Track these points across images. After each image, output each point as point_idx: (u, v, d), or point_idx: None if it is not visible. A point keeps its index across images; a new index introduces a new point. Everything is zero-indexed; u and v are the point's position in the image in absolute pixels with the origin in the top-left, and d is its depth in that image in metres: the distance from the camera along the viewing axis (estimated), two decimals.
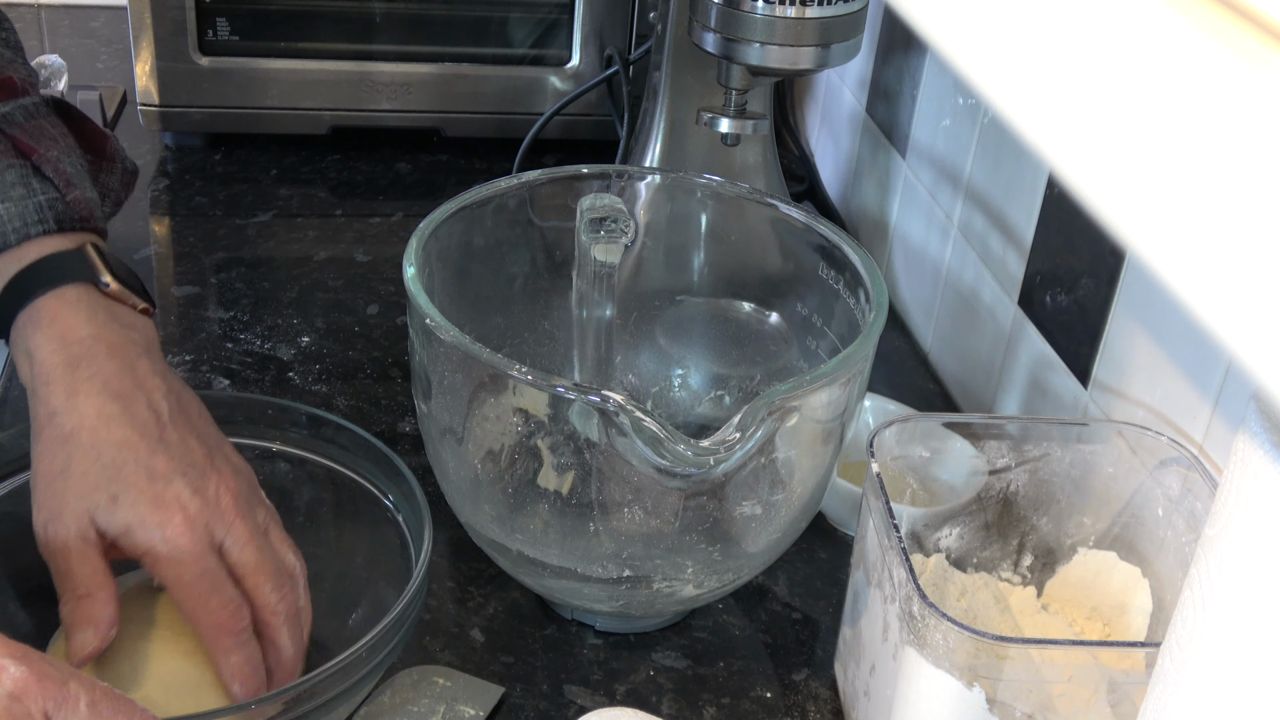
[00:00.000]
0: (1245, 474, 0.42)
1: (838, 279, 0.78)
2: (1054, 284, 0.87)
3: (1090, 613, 0.74)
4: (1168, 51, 0.24)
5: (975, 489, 0.77)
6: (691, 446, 0.62)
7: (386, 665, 0.65)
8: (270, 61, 1.22)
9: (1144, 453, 0.72)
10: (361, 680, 0.63)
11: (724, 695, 0.75)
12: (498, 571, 0.80)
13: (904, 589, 0.61)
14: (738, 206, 0.85)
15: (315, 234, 1.17)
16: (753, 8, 0.90)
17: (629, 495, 0.68)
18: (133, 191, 0.84)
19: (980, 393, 0.98)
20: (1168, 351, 0.74)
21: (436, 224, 0.75)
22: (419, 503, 0.70)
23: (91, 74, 1.40)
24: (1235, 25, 0.24)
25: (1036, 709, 0.61)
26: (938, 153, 1.05)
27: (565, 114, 1.24)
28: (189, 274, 1.10)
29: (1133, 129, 0.25)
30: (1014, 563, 0.77)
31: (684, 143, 1.06)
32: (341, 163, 1.28)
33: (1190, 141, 0.24)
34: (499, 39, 1.25)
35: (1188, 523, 0.69)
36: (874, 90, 1.18)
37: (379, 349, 1.02)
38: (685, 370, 0.90)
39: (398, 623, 0.64)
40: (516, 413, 0.68)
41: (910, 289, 1.11)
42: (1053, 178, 0.87)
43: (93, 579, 0.63)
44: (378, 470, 0.74)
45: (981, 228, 0.97)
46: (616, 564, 0.71)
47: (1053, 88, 0.28)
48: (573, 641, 0.78)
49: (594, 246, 0.80)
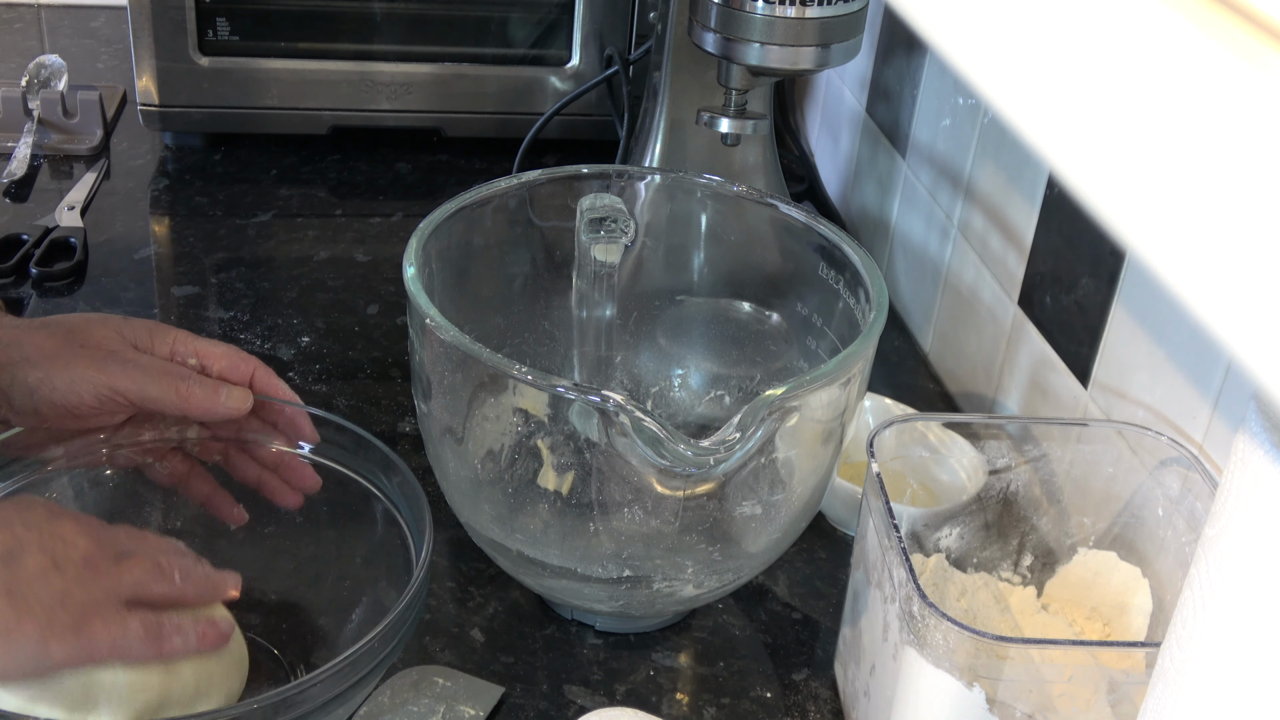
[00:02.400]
0: (1245, 474, 0.42)
1: (838, 279, 0.78)
2: (1054, 284, 0.87)
3: (1090, 613, 0.74)
4: (1168, 51, 0.24)
5: (975, 489, 0.77)
6: (691, 446, 0.62)
7: (386, 666, 0.65)
8: (270, 61, 1.22)
9: (1144, 453, 0.72)
10: (361, 681, 0.63)
11: (724, 695, 0.75)
12: (498, 571, 0.80)
13: (904, 589, 0.61)
14: (738, 206, 0.85)
15: (315, 234, 1.17)
16: (753, 8, 0.90)
17: (629, 495, 0.68)
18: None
19: (980, 393, 0.98)
20: (1168, 351, 0.74)
21: (436, 224, 0.75)
22: (420, 502, 0.70)
23: (91, 74, 1.40)
24: (1235, 25, 0.24)
25: (1036, 709, 0.61)
26: (938, 153, 1.05)
27: (565, 114, 1.24)
28: (189, 274, 1.10)
29: (1133, 129, 0.25)
30: (1014, 563, 0.77)
31: (684, 143, 1.06)
32: (341, 163, 1.28)
33: (1190, 141, 0.24)
34: (499, 39, 1.25)
35: (1188, 523, 0.69)
36: (874, 90, 1.18)
37: (379, 349, 1.02)
38: (685, 370, 0.90)
39: (398, 623, 0.64)
40: (516, 413, 0.68)
41: (910, 289, 1.11)
42: (1053, 178, 0.87)
43: (170, 364, 0.72)
44: (378, 470, 0.74)
45: (981, 228, 0.97)
46: (616, 564, 0.71)
47: (1053, 88, 0.28)
48: (573, 641, 0.78)
49: (594, 246, 0.80)
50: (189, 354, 0.73)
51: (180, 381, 0.71)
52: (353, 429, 0.75)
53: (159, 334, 0.73)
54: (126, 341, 0.72)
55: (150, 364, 0.71)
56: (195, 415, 0.72)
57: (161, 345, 0.73)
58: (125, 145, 1.28)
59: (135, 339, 0.72)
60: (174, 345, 0.73)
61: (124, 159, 1.26)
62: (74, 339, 0.71)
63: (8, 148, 1.22)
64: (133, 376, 0.70)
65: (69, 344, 0.71)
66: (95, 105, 1.26)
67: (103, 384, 0.70)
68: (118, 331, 0.72)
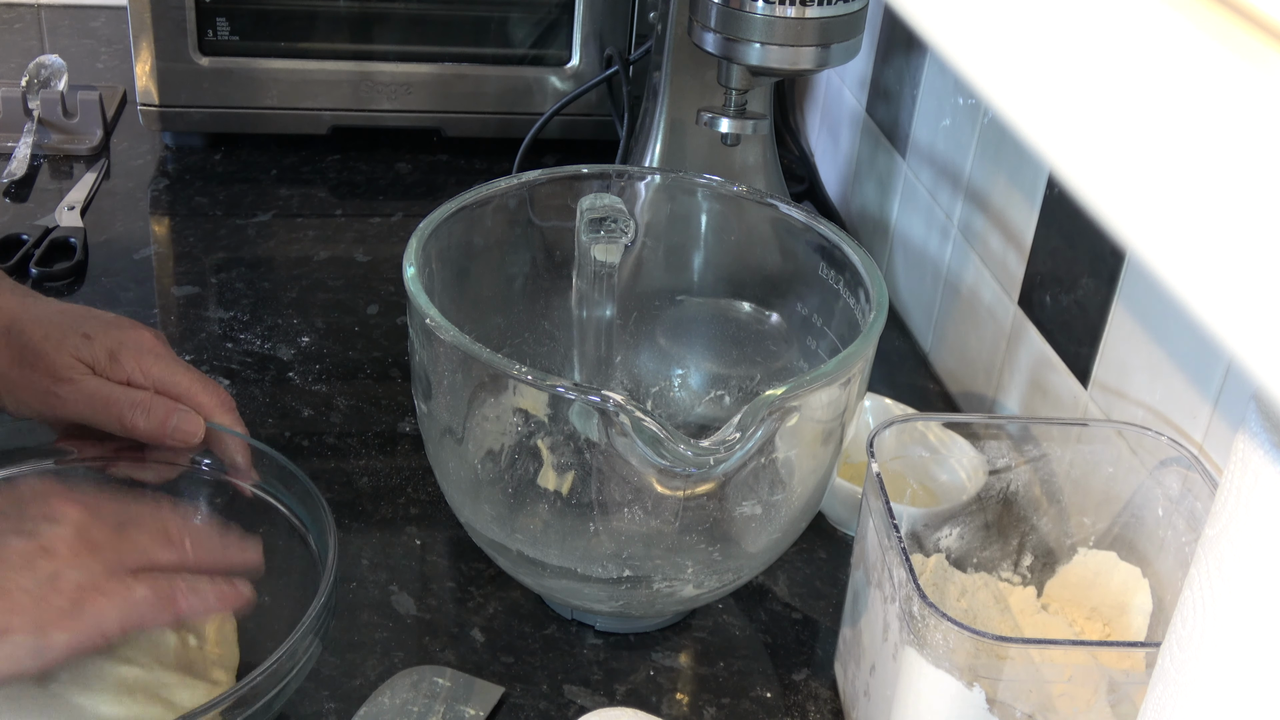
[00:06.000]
0: (1245, 474, 0.42)
1: (838, 279, 0.78)
2: (1054, 284, 0.87)
3: (1090, 613, 0.74)
4: (1168, 51, 0.24)
5: (975, 489, 0.77)
6: (691, 446, 0.62)
7: (298, 683, 0.64)
8: (270, 61, 1.22)
9: (1144, 453, 0.72)
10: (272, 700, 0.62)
11: (724, 695, 0.75)
12: (498, 571, 0.80)
13: (904, 589, 0.61)
14: (738, 206, 0.85)
15: (315, 234, 1.17)
16: (753, 8, 0.90)
17: (629, 495, 0.68)
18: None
19: (980, 393, 0.98)
20: (1168, 351, 0.74)
21: (436, 224, 0.75)
22: (321, 510, 0.69)
23: (91, 74, 1.40)
24: (1235, 25, 0.24)
25: (1036, 709, 0.61)
26: (938, 153, 1.05)
27: (565, 114, 1.24)
28: (189, 274, 1.10)
29: (1133, 129, 0.25)
30: (1014, 563, 0.77)
31: (684, 143, 1.06)
32: (341, 163, 1.28)
33: (1190, 141, 0.24)
34: (499, 39, 1.25)
35: (1188, 523, 0.69)
36: (874, 90, 1.18)
37: (379, 349, 1.02)
38: (685, 370, 0.90)
39: (315, 622, 0.63)
40: (516, 413, 0.68)
41: (910, 289, 1.11)
42: (1053, 178, 0.87)
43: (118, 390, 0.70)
44: (277, 482, 0.73)
45: (981, 228, 0.97)
46: (616, 564, 0.71)
47: (1053, 88, 0.28)
48: (573, 641, 0.78)
49: (594, 246, 0.80)
50: (146, 384, 0.71)
51: (126, 411, 0.70)
52: (249, 440, 0.74)
53: (124, 356, 0.71)
54: (83, 365, 0.71)
55: (98, 391, 0.70)
56: (145, 441, 0.71)
57: (118, 371, 0.71)
58: (125, 145, 1.28)
59: (94, 361, 0.71)
60: (131, 374, 0.71)
61: (124, 159, 1.26)
62: (25, 358, 0.70)
63: (8, 148, 1.22)
64: (77, 407, 0.70)
65: (19, 363, 0.70)
66: (95, 105, 1.26)
67: (46, 411, 0.70)
68: (74, 354, 0.71)
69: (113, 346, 0.72)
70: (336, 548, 0.67)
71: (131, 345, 0.72)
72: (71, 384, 0.70)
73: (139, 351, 0.72)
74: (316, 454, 0.90)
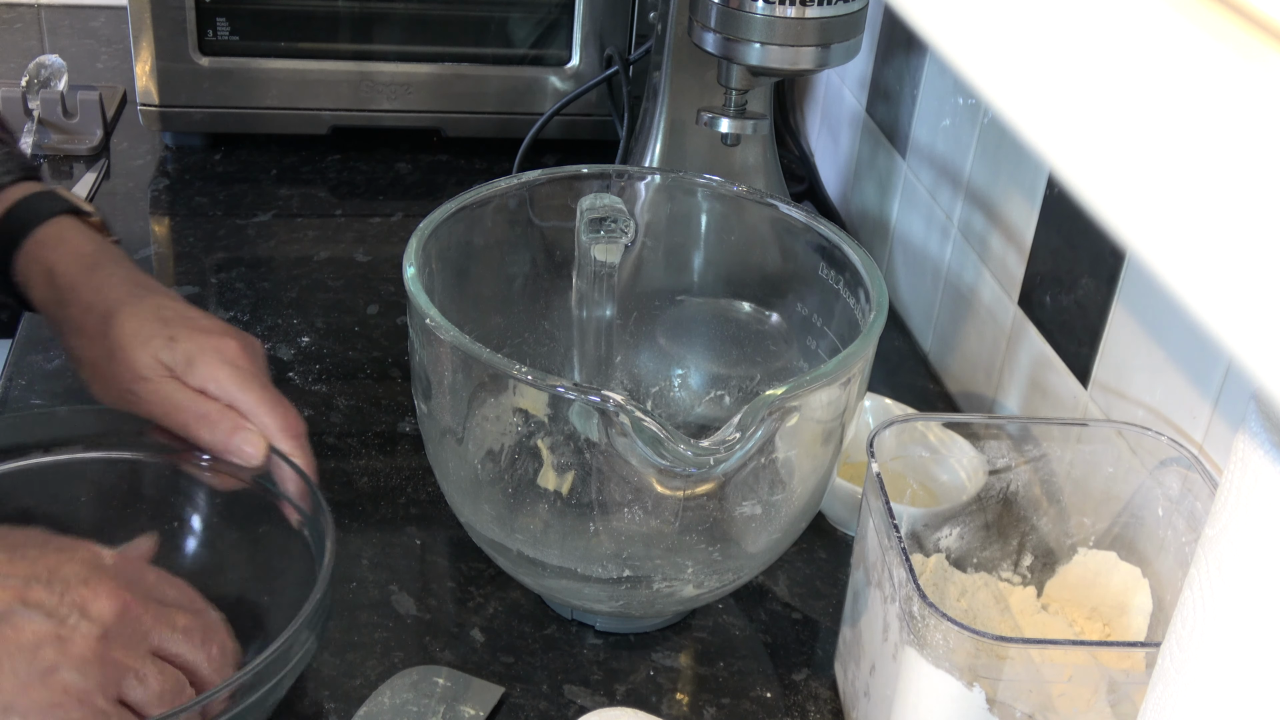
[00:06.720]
0: (1245, 474, 0.42)
1: (838, 279, 0.78)
2: (1054, 284, 0.87)
3: (1090, 613, 0.74)
4: (1167, 51, 0.24)
5: (975, 489, 0.77)
6: (691, 446, 0.62)
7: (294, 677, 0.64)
8: (270, 61, 1.22)
9: (1144, 453, 0.72)
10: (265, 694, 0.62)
11: (724, 695, 0.75)
12: (498, 571, 0.80)
13: (904, 589, 0.61)
14: (738, 206, 0.85)
15: (315, 234, 1.17)
16: (753, 8, 0.90)
17: (629, 495, 0.68)
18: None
19: (980, 393, 0.98)
20: (1168, 351, 0.74)
21: (436, 224, 0.75)
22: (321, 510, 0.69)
23: (91, 74, 1.40)
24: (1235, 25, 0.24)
25: (1036, 709, 0.61)
26: (938, 153, 1.05)
27: (565, 114, 1.24)
28: (189, 274, 1.10)
29: (1133, 129, 0.25)
30: (1014, 563, 0.77)
31: (684, 143, 1.06)
32: (341, 163, 1.28)
33: (1190, 141, 0.24)
34: (499, 39, 1.25)
35: (1188, 523, 0.69)
36: (874, 90, 1.18)
37: (379, 349, 1.02)
38: (685, 370, 0.90)
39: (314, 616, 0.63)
40: (516, 413, 0.68)
41: (910, 289, 1.11)
42: (1053, 178, 0.87)
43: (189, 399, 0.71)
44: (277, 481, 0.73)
45: (981, 228, 0.97)
46: (616, 564, 0.71)
47: (1052, 87, 0.28)
48: (573, 641, 0.78)
49: (594, 246, 0.80)
50: (219, 395, 0.72)
51: (192, 421, 0.71)
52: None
53: (201, 363, 0.71)
54: (163, 367, 0.71)
55: (170, 396, 0.71)
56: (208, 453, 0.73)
57: (194, 377, 0.72)
58: (125, 145, 1.28)
59: (174, 364, 0.71)
60: (205, 383, 0.71)
61: (124, 159, 1.26)
62: (114, 352, 0.72)
63: None
64: (150, 407, 0.72)
65: (109, 356, 0.72)
66: (95, 105, 1.26)
67: (125, 406, 0.73)
68: (156, 356, 0.71)
69: (193, 352, 0.71)
70: (334, 543, 0.67)
71: (211, 353, 0.72)
72: (148, 384, 0.71)
73: (217, 361, 0.72)
74: (316, 454, 0.89)
